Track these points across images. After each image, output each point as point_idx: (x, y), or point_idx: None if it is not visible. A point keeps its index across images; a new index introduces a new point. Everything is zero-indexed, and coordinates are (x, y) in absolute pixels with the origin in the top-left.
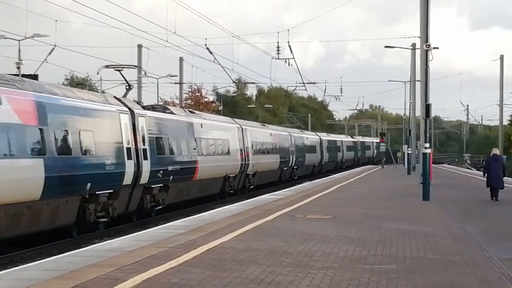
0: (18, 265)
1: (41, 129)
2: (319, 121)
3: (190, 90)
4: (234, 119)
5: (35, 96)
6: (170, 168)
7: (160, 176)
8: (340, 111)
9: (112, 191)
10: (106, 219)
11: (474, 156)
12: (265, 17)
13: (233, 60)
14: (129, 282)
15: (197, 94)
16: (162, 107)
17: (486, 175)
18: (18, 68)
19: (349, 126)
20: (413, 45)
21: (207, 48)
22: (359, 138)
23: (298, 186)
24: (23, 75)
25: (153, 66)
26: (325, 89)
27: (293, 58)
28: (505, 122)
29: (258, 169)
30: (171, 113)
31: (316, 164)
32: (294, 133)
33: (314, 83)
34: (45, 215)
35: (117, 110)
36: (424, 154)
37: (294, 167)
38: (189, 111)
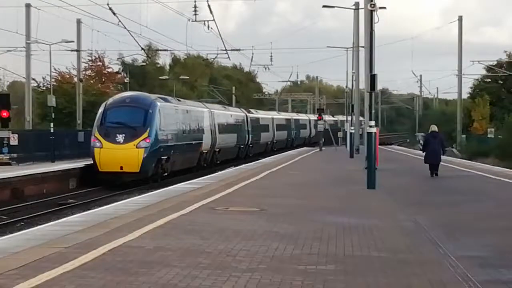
0: None
1: None
2: (246, 95)
3: (90, 58)
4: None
5: None
6: None
7: None
8: (270, 83)
9: None
10: None
11: None
12: None
13: (141, 23)
14: None
15: (99, 63)
16: None
17: (424, 152)
18: None
19: (281, 101)
20: (356, 4)
21: (110, 9)
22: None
23: (220, 172)
24: None
25: (45, 30)
26: (252, 57)
27: (213, 20)
28: (464, 95)
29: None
30: None
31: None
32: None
33: (239, 50)
34: None
35: None
36: (369, 134)
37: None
38: None
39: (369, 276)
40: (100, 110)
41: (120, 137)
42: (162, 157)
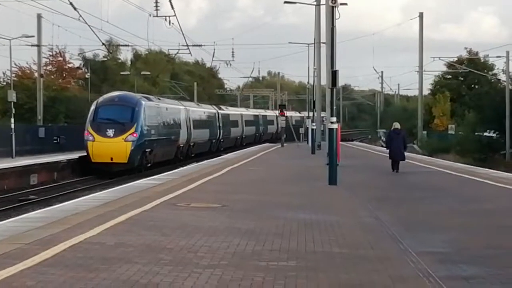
0: None
1: None
2: (207, 91)
3: (51, 54)
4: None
5: None
6: None
7: None
8: (232, 79)
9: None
10: None
11: None
12: None
13: (102, 17)
14: None
15: (60, 58)
16: None
17: (389, 148)
18: None
19: (243, 97)
20: (317, 0)
21: (70, 3)
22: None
23: (182, 168)
24: None
25: (4, 25)
26: (214, 53)
27: (175, 15)
28: (425, 92)
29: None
30: None
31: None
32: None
33: (200, 45)
34: None
35: None
36: (331, 130)
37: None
38: None
39: (331, 272)
40: (92, 107)
41: (110, 132)
42: (146, 150)
